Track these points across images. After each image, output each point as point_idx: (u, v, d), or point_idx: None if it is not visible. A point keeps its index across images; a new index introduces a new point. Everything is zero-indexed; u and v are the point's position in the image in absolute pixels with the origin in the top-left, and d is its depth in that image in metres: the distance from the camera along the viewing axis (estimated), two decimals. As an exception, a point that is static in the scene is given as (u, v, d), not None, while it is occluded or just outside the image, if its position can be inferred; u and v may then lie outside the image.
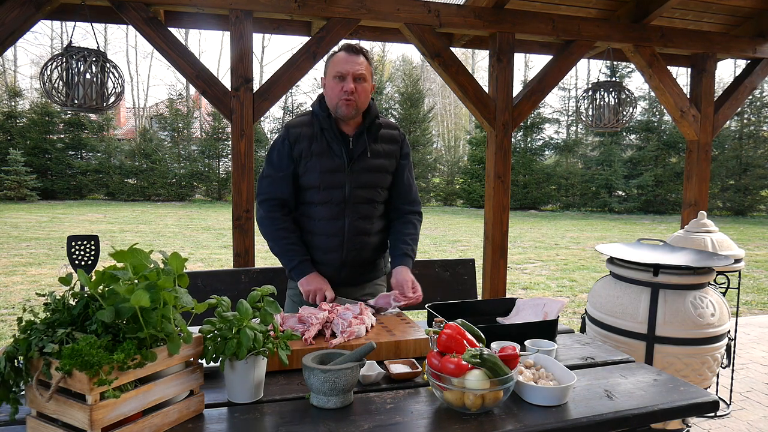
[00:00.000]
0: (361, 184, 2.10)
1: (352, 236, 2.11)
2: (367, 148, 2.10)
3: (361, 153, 2.09)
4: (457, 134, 30.39)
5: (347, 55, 2.03)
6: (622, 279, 2.77)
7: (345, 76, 2.01)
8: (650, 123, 19.68)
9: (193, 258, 8.79)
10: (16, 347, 1.15)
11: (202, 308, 1.28)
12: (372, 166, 2.12)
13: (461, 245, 10.70)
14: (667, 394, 1.47)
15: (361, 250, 2.15)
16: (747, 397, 3.65)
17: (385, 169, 2.16)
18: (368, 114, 2.13)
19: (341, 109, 2.03)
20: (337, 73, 2.02)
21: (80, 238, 2.00)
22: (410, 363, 1.61)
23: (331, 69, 2.05)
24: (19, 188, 17.42)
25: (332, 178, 2.06)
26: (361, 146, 2.09)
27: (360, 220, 2.11)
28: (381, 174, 2.15)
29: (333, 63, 2.05)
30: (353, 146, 2.09)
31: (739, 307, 3.99)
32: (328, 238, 2.10)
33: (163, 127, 20.71)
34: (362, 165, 2.09)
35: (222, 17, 3.66)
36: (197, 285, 2.51)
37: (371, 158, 2.11)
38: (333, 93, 2.04)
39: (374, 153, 2.13)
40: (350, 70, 2.01)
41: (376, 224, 2.18)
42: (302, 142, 2.08)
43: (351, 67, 2.01)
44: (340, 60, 2.03)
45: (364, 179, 2.10)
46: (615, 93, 4.20)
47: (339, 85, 2.01)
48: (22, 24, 2.97)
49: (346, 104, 2.02)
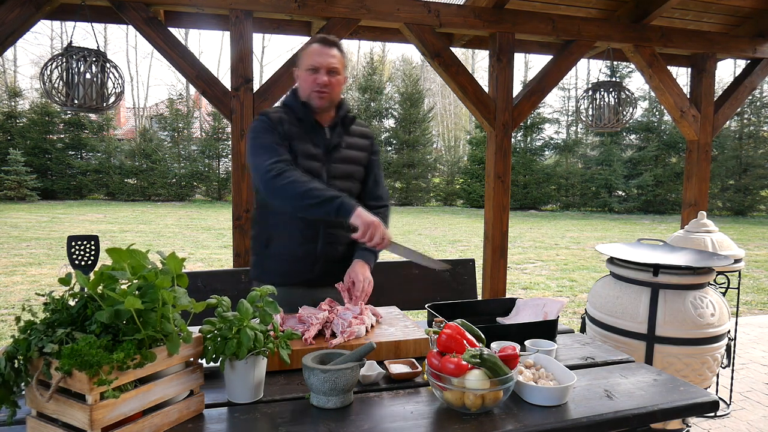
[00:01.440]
0: (338, 175, 2.08)
1: (328, 228, 2.07)
2: (342, 140, 2.11)
3: (337, 144, 2.10)
4: (457, 134, 30.38)
5: (321, 48, 2.02)
6: (622, 279, 2.77)
7: (319, 69, 2.00)
8: (650, 123, 19.68)
9: (193, 258, 8.79)
10: (16, 347, 1.15)
11: (201, 308, 1.27)
12: (348, 157, 2.12)
13: (461, 245, 10.70)
14: (667, 394, 1.47)
15: (337, 243, 2.11)
16: (747, 397, 3.65)
17: (360, 161, 2.17)
18: (341, 107, 2.14)
19: (314, 100, 2.03)
20: (311, 65, 2.01)
21: (80, 238, 2.00)
22: (410, 363, 1.61)
23: (305, 61, 2.04)
24: (19, 188, 17.42)
25: (310, 166, 2.03)
26: (336, 137, 2.10)
27: None
28: (356, 166, 2.15)
29: (307, 55, 2.04)
30: (329, 136, 2.09)
31: (739, 307, 3.99)
32: (305, 229, 2.05)
33: (163, 127, 20.72)
34: (339, 155, 2.09)
35: (222, 17, 3.66)
36: (197, 285, 2.51)
37: (346, 149, 2.12)
38: (306, 84, 2.03)
39: (349, 145, 2.13)
40: (324, 63, 2.00)
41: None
42: (283, 124, 2.04)
43: (325, 59, 2.01)
44: (314, 52, 2.02)
45: (341, 169, 2.09)
46: (615, 93, 4.20)
47: (312, 77, 2.01)
48: (22, 24, 2.97)
49: (319, 96, 2.02)
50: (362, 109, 21.15)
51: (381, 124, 21.64)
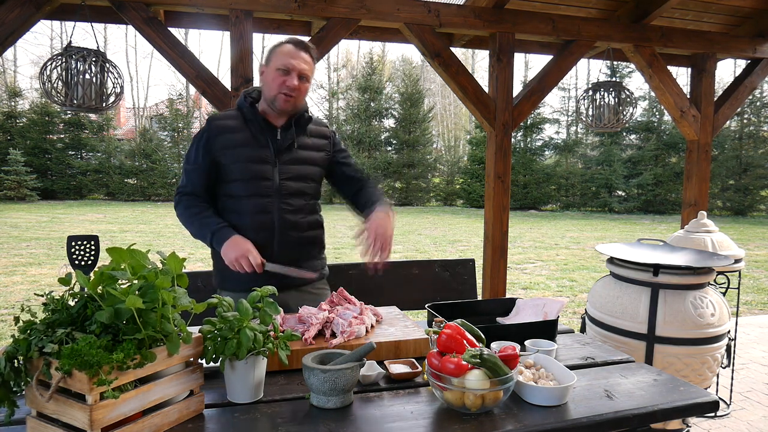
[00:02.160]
0: (291, 176, 2.05)
1: (282, 230, 2.03)
2: (294, 140, 2.06)
3: (289, 144, 2.06)
4: (457, 134, 30.39)
5: (295, 50, 1.98)
6: (622, 279, 2.77)
7: (290, 71, 1.97)
8: (650, 123, 19.69)
9: (193, 258, 8.79)
10: (16, 347, 1.15)
11: (201, 308, 1.27)
12: (301, 157, 2.08)
13: (461, 245, 10.70)
14: (667, 394, 1.47)
15: (294, 247, 2.06)
16: (747, 397, 3.65)
17: (315, 161, 2.12)
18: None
19: (278, 102, 1.99)
20: (282, 65, 1.96)
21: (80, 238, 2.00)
22: (410, 363, 1.61)
23: (275, 60, 1.99)
24: (19, 188, 17.42)
25: (258, 169, 2.01)
26: (289, 138, 2.06)
27: (290, 214, 2.05)
28: (311, 166, 2.11)
29: (279, 54, 1.99)
30: (281, 137, 2.05)
31: (739, 307, 3.99)
32: (257, 233, 1.99)
33: (163, 127, 20.73)
34: (291, 156, 2.06)
35: (222, 17, 3.66)
36: (197, 285, 2.51)
37: (299, 149, 2.08)
38: (274, 84, 1.98)
39: (303, 145, 2.09)
40: (296, 66, 1.97)
41: (307, 218, 2.11)
42: (225, 133, 2.02)
43: (297, 63, 1.97)
44: (287, 53, 1.97)
45: (293, 171, 2.06)
46: (615, 93, 4.20)
47: (282, 78, 1.97)
48: (22, 24, 2.97)
49: (285, 99, 1.98)
50: (362, 109, 21.16)
51: (381, 124, 21.65)
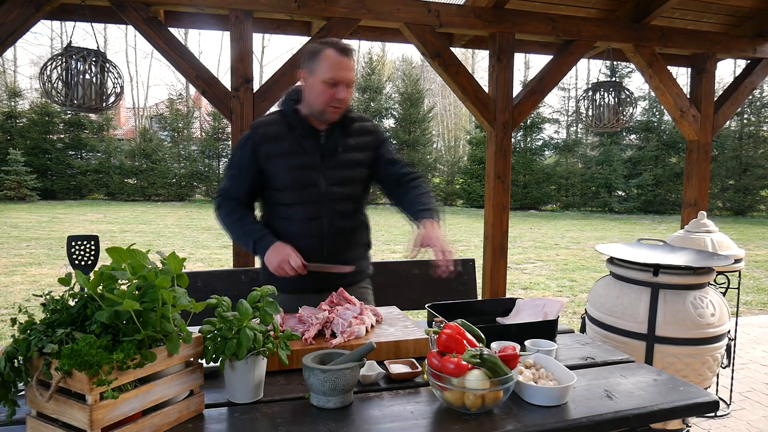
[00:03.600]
0: (337, 181, 2.02)
1: (331, 235, 2.02)
2: (339, 143, 2.03)
3: (334, 148, 2.02)
4: (457, 134, 30.37)
5: (341, 59, 1.91)
6: (622, 279, 2.77)
7: (339, 84, 1.91)
8: (650, 123, 19.68)
9: (193, 258, 8.79)
10: (16, 347, 1.15)
11: (201, 308, 1.27)
12: (346, 161, 2.04)
13: (461, 245, 10.70)
14: (667, 394, 1.47)
15: (342, 250, 2.05)
16: (747, 397, 3.65)
17: (361, 163, 2.08)
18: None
19: (328, 115, 1.96)
20: (330, 79, 1.90)
21: (80, 238, 2.00)
22: (410, 363, 1.61)
23: (321, 70, 1.91)
24: (19, 188, 17.41)
25: (304, 176, 1.98)
26: (333, 141, 2.02)
27: (339, 219, 2.03)
28: (357, 169, 2.07)
29: (324, 64, 1.91)
30: (325, 141, 2.01)
31: (739, 307, 3.99)
32: (307, 240, 2.00)
33: (163, 127, 20.71)
34: (336, 160, 2.02)
35: (222, 17, 3.66)
36: (197, 285, 2.51)
37: (344, 152, 2.04)
38: (323, 97, 1.92)
39: (347, 147, 2.05)
40: (345, 78, 1.91)
41: (355, 221, 2.09)
42: (269, 142, 1.99)
43: (345, 74, 1.92)
44: (335, 64, 1.91)
45: (339, 175, 2.02)
46: (615, 93, 4.20)
47: (330, 90, 1.91)
48: (22, 24, 2.97)
49: (335, 111, 1.95)
50: (362, 109, 21.15)
51: (381, 124, 21.64)
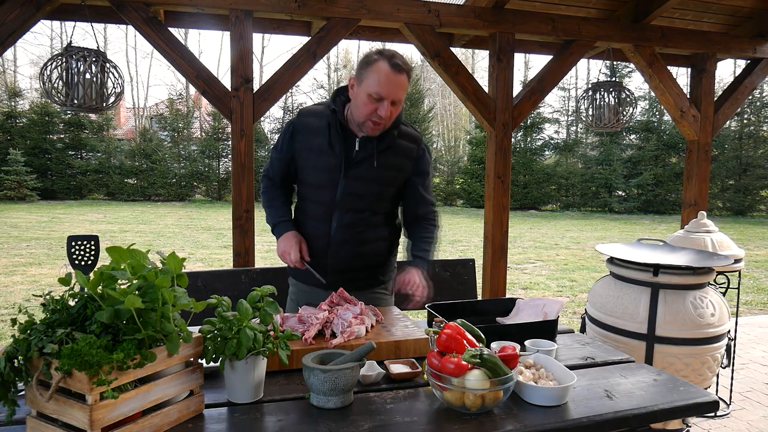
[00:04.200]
0: (355, 191, 1.94)
1: (337, 242, 1.98)
2: (373, 156, 1.92)
3: (365, 158, 1.92)
4: (457, 134, 30.36)
5: (393, 74, 1.79)
6: (622, 279, 2.77)
7: (383, 99, 1.80)
8: (650, 123, 19.68)
9: (193, 258, 8.79)
10: (16, 347, 1.15)
11: (201, 307, 1.27)
12: (375, 175, 1.94)
13: (461, 245, 10.70)
14: (667, 394, 1.47)
15: (350, 258, 2.01)
16: (747, 397, 3.65)
17: (390, 182, 1.99)
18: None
19: (367, 129, 1.88)
20: (376, 93, 1.79)
21: (80, 238, 2.00)
22: (410, 363, 1.61)
23: (370, 83, 1.80)
24: (19, 188, 17.42)
25: (325, 177, 1.95)
26: (366, 151, 1.92)
27: (347, 228, 1.97)
28: (383, 186, 1.98)
29: (374, 77, 1.80)
30: (359, 149, 1.92)
31: (739, 307, 3.99)
32: (315, 240, 2.00)
33: (163, 127, 20.72)
34: (363, 171, 1.93)
35: (222, 17, 3.66)
36: (197, 285, 2.52)
37: (376, 167, 1.93)
38: (365, 109, 1.83)
39: (381, 163, 1.93)
40: (392, 95, 1.80)
41: (368, 234, 2.02)
42: (306, 133, 1.97)
43: (393, 91, 1.80)
44: (384, 79, 1.79)
45: (359, 186, 1.94)
46: (615, 93, 4.19)
47: (373, 105, 1.81)
48: (22, 24, 2.97)
49: (373, 127, 1.86)
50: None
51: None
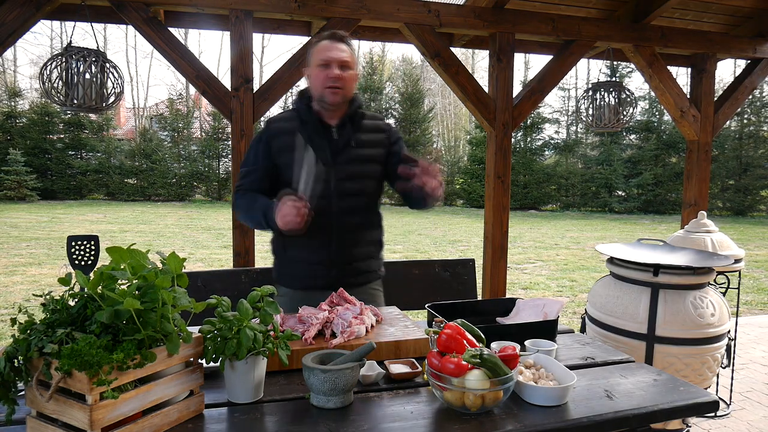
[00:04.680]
0: (348, 176, 2.03)
1: (340, 231, 2.03)
2: (351, 138, 2.04)
3: (346, 143, 2.04)
4: (457, 134, 30.37)
5: (331, 43, 1.98)
6: (622, 279, 2.77)
7: (330, 64, 1.96)
8: (650, 123, 19.68)
9: (193, 258, 8.79)
10: (16, 347, 1.15)
11: (201, 308, 1.27)
12: (358, 156, 2.05)
13: (461, 245, 10.70)
14: (667, 394, 1.47)
15: (351, 246, 2.07)
16: (747, 397, 3.65)
17: (373, 159, 2.09)
18: (352, 103, 2.07)
19: (327, 97, 1.98)
20: (322, 60, 1.96)
21: (80, 238, 2.00)
22: (410, 363, 1.61)
23: (315, 57, 1.99)
24: (19, 188, 17.42)
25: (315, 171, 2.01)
26: (345, 136, 2.04)
27: (347, 214, 2.04)
28: (369, 164, 2.08)
29: (317, 51, 1.99)
30: (337, 137, 2.03)
31: (739, 307, 3.99)
32: (316, 234, 2.00)
33: (163, 127, 20.72)
34: (347, 156, 2.03)
35: (222, 17, 3.66)
36: (197, 285, 2.51)
37: (356, 148, 2.05)
38: (318, 81, 1.98)
39: (359, 143, 2.06)
40: (335, 57, 1.96)
41: (365, 218, 2.11)
42: (282, 136, 2.03)
43: (335, 54, 1.96)
44: (324, 47, 1.98)
45: (350, 170, 2.03)
46: (615, 93, 4.20)
47: (324, 72, 1.96)
48: (22, 24, 2.97)
49: (333, 92, 1.97)
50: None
51: (381, 124, 21.63)
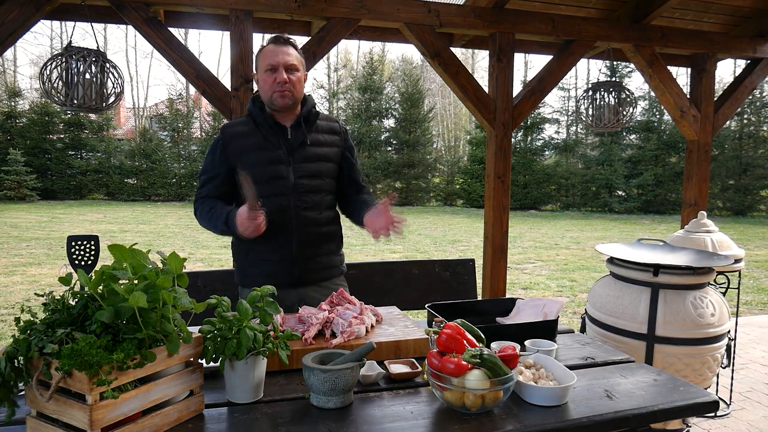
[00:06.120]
0: (305, 173, 2.08)
1: (301, 227, 2.08)
2: (306, 138, 2.09)
3: (301, 142, 2.09)
4: (457, 134, 30.38)
5: (276, 47, 2.03)
6: (622, 279, 2.77)
7: (276, 68, 2.01)
8: (650, 123, 19.67)
9: (193, 258, 8.79)
10: (16, 347, 1.15)
11: (202, 308, 1.27)
12: (313, 154, 2.11)
13: (461, 245, 10.70)
14: (667, 394, 1.47)
15: (313, 243, 2.12)
16: (747, 397, 3.65)
17: (328, 157, 2.15)
18: (305, 104, 2.13)
19: (276, 101, 2.03)
20: (268, 65, 2.01)
21: (80, 238, 2.00)
22: (410, 363, 1.61)
23: (261, 63, 2.04)
24: (19, 188, 17.42)
25: (273, 170, 2.05)
26: (300, 136, 2.09)
27: (308, 210, 2.09)
28: (325, 162, 2.14)
29: (263, 56, 2.04)
30: (291, 136, 2.09)
31: (739, 307, 3.99)
32: (277, 232, 2.05)
33: (163, 127, 20.72)
34: (303, 154, 2.09)
35: (222, 17, 3.66)
36: (197, 285, 2.51)
37: (312, 146, 2.11)
38: (266, 86, 2.03)
39: (314, 142, 2.12)
40: (280, 61, 2.01)
41: (324, 214, 2.15)
42: (238, 139, 2.08)
43: (281, 57, 2.01)
44: (269, 52, 2.02)
45: (307, 168, 2.09)
46: (615, 93, 4.20)
47: (271, 77, 2.01)
48: (22, 24, 2.97)
49: (281, 95, 2.02)
50: (362, 109, 21.16)
51: (381, 124, 21.64)
